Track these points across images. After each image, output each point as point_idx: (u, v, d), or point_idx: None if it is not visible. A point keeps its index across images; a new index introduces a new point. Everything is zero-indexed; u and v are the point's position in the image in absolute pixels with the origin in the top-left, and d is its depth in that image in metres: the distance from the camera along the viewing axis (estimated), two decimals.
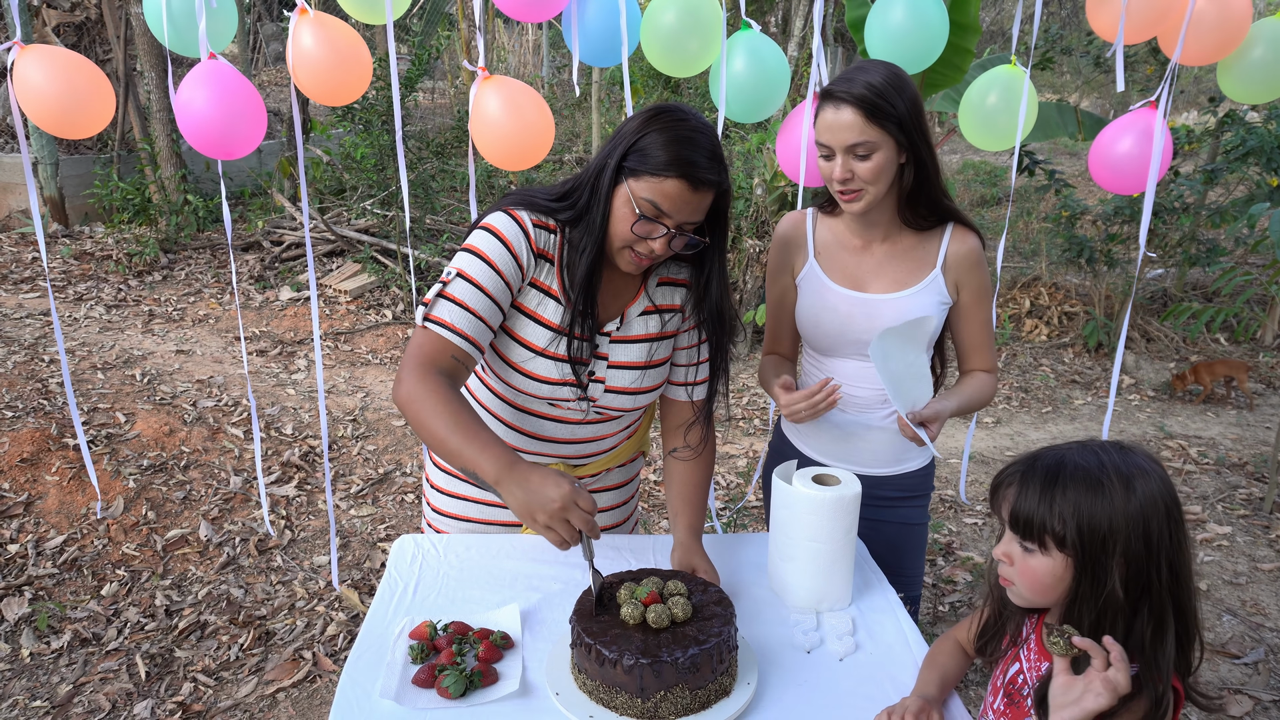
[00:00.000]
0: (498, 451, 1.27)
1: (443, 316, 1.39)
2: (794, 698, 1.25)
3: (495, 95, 2.22)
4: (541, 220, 1.46)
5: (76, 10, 7.38)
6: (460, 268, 1.42)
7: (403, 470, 3.91)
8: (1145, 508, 1.01)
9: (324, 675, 2.60)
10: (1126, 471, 1.03)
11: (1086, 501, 1.02)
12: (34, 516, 3.23)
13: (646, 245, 1.41)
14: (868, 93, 1.49)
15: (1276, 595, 3.15)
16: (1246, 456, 4.32)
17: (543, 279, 1.48)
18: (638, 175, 1.37)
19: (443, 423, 1.29)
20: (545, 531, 1.23)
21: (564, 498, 1.21)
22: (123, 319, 5.44)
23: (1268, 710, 2.55)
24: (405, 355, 1.39)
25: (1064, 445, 1.09)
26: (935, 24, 2.23)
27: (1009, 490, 1.09)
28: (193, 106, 2.13)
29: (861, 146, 1.51)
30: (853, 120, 1.50)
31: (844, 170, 1.54)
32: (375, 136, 6.25)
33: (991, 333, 1.75)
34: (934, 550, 3.44)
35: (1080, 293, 6.39)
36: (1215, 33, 2.13)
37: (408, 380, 1.35)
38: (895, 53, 2.25)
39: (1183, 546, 1.04)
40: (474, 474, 1.27)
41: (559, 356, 1.49)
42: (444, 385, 1.34)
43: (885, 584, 1.57)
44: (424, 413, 1.31)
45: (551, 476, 1.23)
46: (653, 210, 1.37)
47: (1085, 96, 13.01)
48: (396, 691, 1.21)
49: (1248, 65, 2.21)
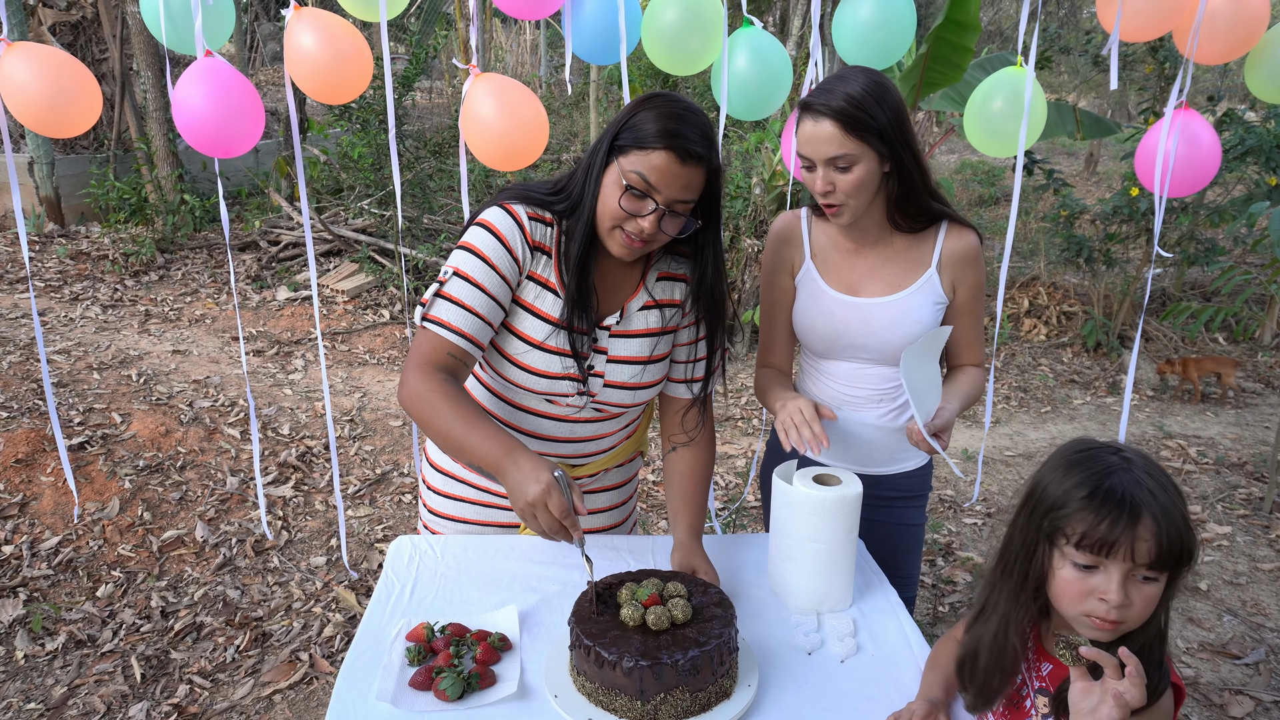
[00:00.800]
0: (500, 439, 1.28)
1: (440, 316, 1.40)
2: (795, 700, 1.24)
3: (487, 93, 2.18)
4: (537, 213, 1.46)
5: (72, 9, 7.35)
6: (457, 266, 1.42)
7: (400, 471, 3.89)
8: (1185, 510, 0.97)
9: (321, 677, 2.59)
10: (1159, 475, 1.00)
11: (1168, 508, 0.97)
12: (29, 517, 3.21)
13: (636, 224, 1.39)
14: (847, 105, 1.47)
15: (1277, 595, 3.14)
16: (1246, 456, 4.32)
17: (540, 271, 1.47)
18: (627, 151, 1.37)
19: (446, 419, 1.31)
20: (529, 521, 1.24)
21: (538, 493, 1.21)
22: (119, 319, 5.42)
23: (1269, 711, 2.54)
24: (407, 358, 1.40)
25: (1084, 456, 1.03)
26: (903, 19, 2.21)
27: (1131, 527, 0.97)
28: (190, 104, 2.11)
29: (841, 159, 1.50)
30: (831, 133, 1.49)
31: (825, 182, 1.53)
32: (372, 136, 6.24)
33: (982, 327, 1.75)
34: (933, 550, 3.43)
35: (1079, 292, 6.39)
36: (1231, 31, 2.10)
37: (410, 381, 1.36)
38: (863, 49, 2.24)
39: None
40: (479, 466, 1.27)
41: (556, 350, 1.48)
42: (445, 381, 1.35)
43: (886, 585, 1.56)
44: (427, 410, 1.32)
45: (537, 468, 1.23)
46: (641, 183, 1.35)
47: (1083, 96, 13.02)
48: (393, 694, 1.20)
49: (1276, 64, 2.18)
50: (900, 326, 1.65)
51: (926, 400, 1.55)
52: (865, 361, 1.69)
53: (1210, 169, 2.24)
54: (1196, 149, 2.21)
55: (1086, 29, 9.51)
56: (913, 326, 1.65)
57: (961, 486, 3.98)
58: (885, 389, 1.71)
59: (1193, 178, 2.25)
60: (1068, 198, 5.77)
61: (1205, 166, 2.23)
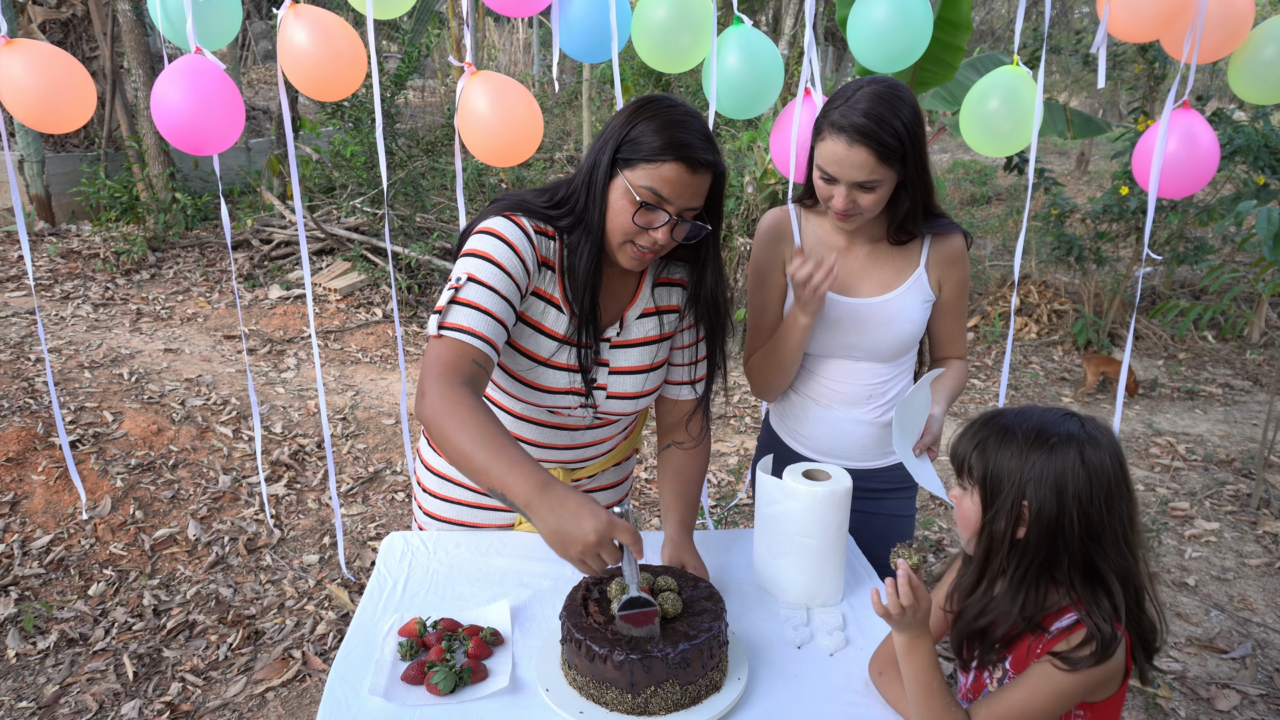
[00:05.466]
0: (528, 470, 1.19)
1: (459, 322, 1.33)
2: (784, 692, 1.25)
3: (482, 90, 2.19)
4: (541, 227, 1.43)
5: (62, 7, 7.32)
6: (471, 272, 1.36)
7: (393, 469, 3.89)
8: (1056, 465, 1.09)
9: (313, 674, 2.59)
10: (1050, 430, 1.11)
11: (998, 445, 1.14)
12: (20, 516, 3.20)
13: (649, 236, 1.38)
14: (882, 132, 1.46)
15: (1264, 590, 3.17)
16: (1234, 453, 4.35)
17: (545, 287, 1.46)
18: (633, 165, 1.35)
19: (469, 438, 1.22)
20: (577, 564, 1.17)
21: (599, 531, 1.14)
22: (110, 318, 5.40)
23: (1254, 704, 2.57)
24: (424, 367, 1.32)
25: (1028, 406, 1.18)
26: (919, 20, 2.18)
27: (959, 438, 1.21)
28: (167, 101, 2.10)
29: (869, 183, 1.51)
30: (865, 160, 1.48)
31: (847, 201, 1.53)
32: (365, 134, 6.22)
33: (965, 323, 1.77)
34: (924, 547, 3.45)
35: (1070, 290, 6.42)
36: (1217, 31, 2.09)
37: (431, 393, 1.27)
38: (878, 50, 2.22)
39: (1104, 518, 1.09)
40: (501, 494, 1.20)
41: (563, 366, 1.48)
42: (469, 397, 1.27)
43: (876, 579, 1.57)
44: (449, 428, 1.24)
45: (588, 505, 1.16)
46: (653, 197, 1.35)
47: (1074, 95, 13.08)
48: (385, 688, 1.21)
49: (1259, 65, 2.16)
50: (892, 326, 1.66)
51: (912, 425, 1.59)
52: (856, 359, 1.71)
53: (1209, 169, 2.21)
54: (1195, 149, 2.18)
55: (1077, 29, 9.55)
56: (904, 326, 1.67)
57: (951, 482, 4.00)
58: (875, 385, 1.72)
59: (1191, 178, 2.22)
60: (1058, 196, 5.80)
61: (1204, 167, 2.20)
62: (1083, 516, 1.08)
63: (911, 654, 1.14)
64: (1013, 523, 1.11)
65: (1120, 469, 1.11)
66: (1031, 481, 1.10)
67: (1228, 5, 2.09)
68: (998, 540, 1.13)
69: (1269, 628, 2.94)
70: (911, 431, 1.59)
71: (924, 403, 1.60)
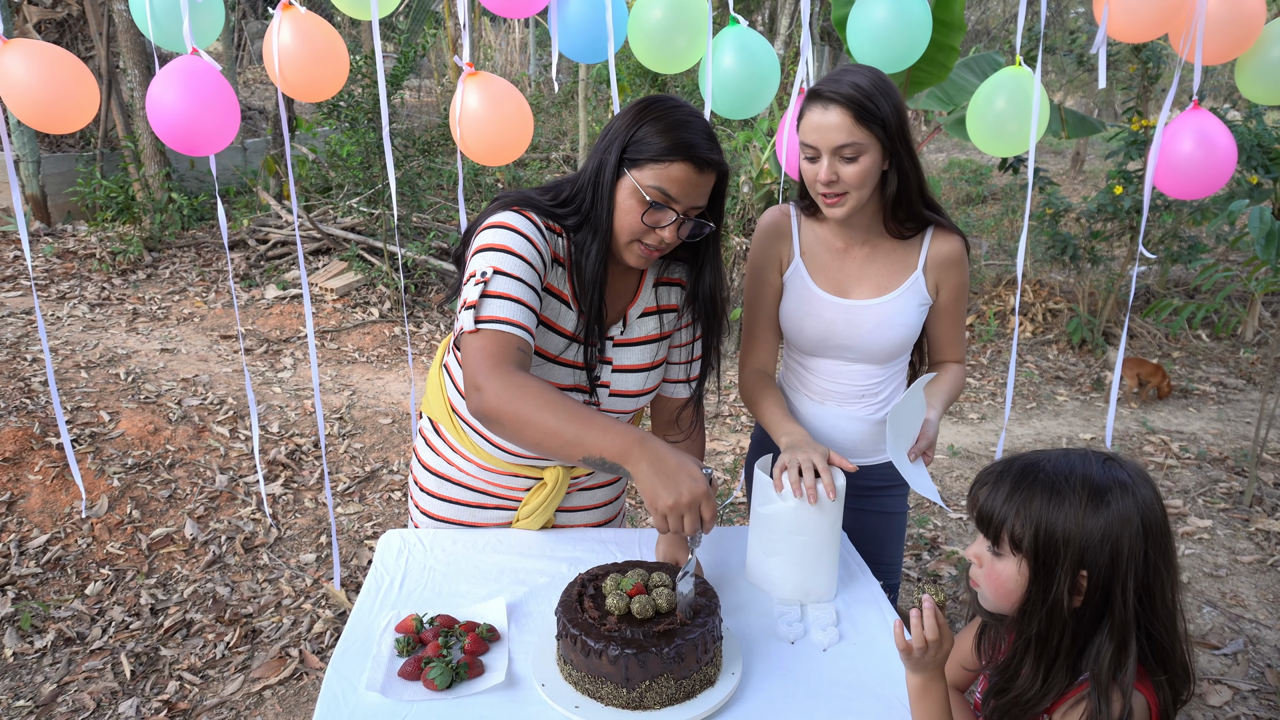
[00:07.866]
0: (620, 429, 1.20)
1: (495, 314, 1.32)
2: (778, 688, 1.26)
3: (476, 91, 2.22)
4: (549, 223, 1.44)
5: (58, 7, 7.31)
6: (495, 265, 1.35)
7: (390, 468, 3.90)
8: (1113, 522, 0.99)
9: (311, 673, 2.60)
10: (1101, 483, 1.01)
11: (1047, 506, 1.02)
12: (17, 516, 3.21)
13: (656, 235, 1.41)
14: (856, 93, 1.48)
15: (1256, 587, 3.19)
16: (1227, 451, 4.37)
17: (556, 283, 1.47)
18: (640, 165, 1.37)
19: (551, 415, 1.20)
20: (662, 518, 1.17)
21: (693, 495, 1.16)
22: (106, 318, 5.40)
23: (1246, 700, 2.59)
24: (470, 364, 1.29)
25: (1051, 451, 1.08)
26: (918, 21, 2.20)
27: (981, 490, 1.10)
28: (162, 102, 2.11)
29: (849, 148, 1.51)
30: (841, 121, 1.49)
31: (829, 172, 1.53)
32: (361, 134, 6.22)
33: (964, 327, 1.77)
34: (919, 545, 3.47)
35: (1064, 290, 6.44)
36: (1227, 32, 2.07)
37: (491, 385, 1.24)
38: (878, 51, 2.22)
39: (1159, 569, 1.01)
40: (599, 460, 1.19)
41: (569, 363, 1.49)
42: (533, 379, 1.25)
43: (869, 575, 1.58)
44: (525, 410, 1.21)
45: (687, 467, 1.18)
46: (661, 197, 1.37)
47: (1069, 95, 13.12)
48: (382, 684, 1.22)
49: (1267, 65, 2.15)
50: (887, 329, 1.67)
51: (907, 431, 1.59)
52: (850, 360, 1.72)
53: (1226, 171, 2.16)
54: (1212, 151, 2.14)
55: (1071, 29, 9.58)
56: (899, 329, 1.68)
57: (947, 481, 4.02)
58: (869, 385, 1.73)
59: (1207, 179, 2.18)
60: (1053, 195, 5.83)
61: (1221, 168, 2.16)
62: (1136, 578, 1.00)
63: (924, 697, 1.10)
64: (1070, 594, 1.02)
65: (1164, 512, 1.03)
66: (1091, 549, 0.99)
67: (1238, 7, 2.05)
68: (1058, 617, 1.02)
69: (1260, 624, 2.96)
70: (906, 436, 1.59)
71: (918, 407, 1.60)
